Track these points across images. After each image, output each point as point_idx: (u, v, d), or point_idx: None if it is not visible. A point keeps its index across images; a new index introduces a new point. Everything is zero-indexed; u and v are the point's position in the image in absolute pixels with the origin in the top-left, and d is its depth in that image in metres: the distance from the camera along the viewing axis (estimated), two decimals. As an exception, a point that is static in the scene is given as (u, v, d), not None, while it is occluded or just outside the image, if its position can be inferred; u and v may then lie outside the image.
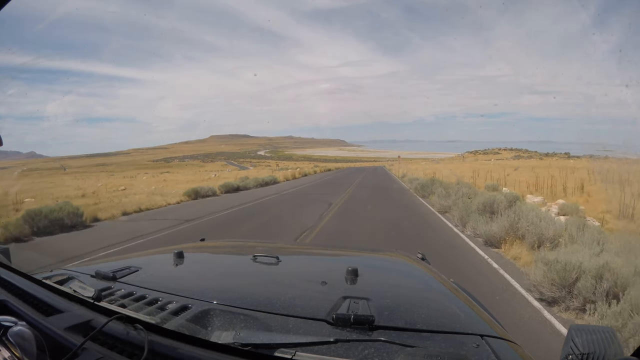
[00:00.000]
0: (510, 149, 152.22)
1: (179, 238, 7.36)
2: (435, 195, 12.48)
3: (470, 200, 9.81)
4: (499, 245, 6.59)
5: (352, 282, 1.23)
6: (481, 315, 1.09)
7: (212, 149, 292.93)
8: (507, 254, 6.16)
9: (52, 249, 6.99)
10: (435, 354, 0.73)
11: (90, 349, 0.79)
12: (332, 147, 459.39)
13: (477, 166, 40.28)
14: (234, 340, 0.78)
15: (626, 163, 10.82)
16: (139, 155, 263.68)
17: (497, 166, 37.79)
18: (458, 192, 11.47)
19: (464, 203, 9.53)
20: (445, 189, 12.62)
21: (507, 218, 6.82)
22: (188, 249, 1.63)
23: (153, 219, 10.17)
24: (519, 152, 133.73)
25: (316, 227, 8.24)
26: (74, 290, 1.02)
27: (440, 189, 12.88)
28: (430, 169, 34.78)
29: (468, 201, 9.74)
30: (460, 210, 8.78)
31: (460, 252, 6.40)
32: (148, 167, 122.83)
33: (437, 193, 12.64)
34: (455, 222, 8.86)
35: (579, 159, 40.26)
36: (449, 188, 12.56)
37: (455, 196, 11.12)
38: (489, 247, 6.72)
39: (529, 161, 58.28)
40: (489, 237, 6.81)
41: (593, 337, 0.76)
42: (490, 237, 6.78)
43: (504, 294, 4.46)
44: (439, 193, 12.26)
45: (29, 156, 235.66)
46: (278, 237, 7.32)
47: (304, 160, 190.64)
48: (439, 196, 11.93)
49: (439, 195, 12.00)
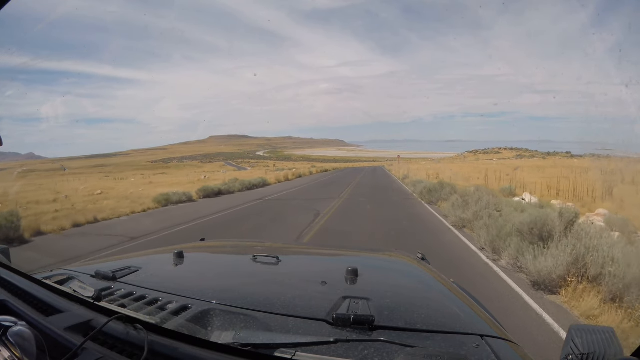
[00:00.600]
0: (510, 148, 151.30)
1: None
2: (449, 204, 10.32)
3: (499, 214, 7.47)
4: (557, 290, 4.44)
5: (352, 282, 1.23)
6: (481, 315, 1.10)
7: (211, 150, 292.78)
8: (573, 308, 4.04)
9: None
10: (435, 354, 0.73)
11: (90, 349, 0.79)
12: (331, 147, 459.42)
13: (480, 166, 38.43)
14: (234, 340, 0.78)
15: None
16: (138, 156, 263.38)
17: (501, 166, 36.19)
18: (480, 201, 8.88)
19: (492, 218, 7.14)
20: (461, 196, 10.26)
21: (569, 248, 4.58)
22: (188, 249, 1.63)
23: (98, 235, 8.75)
24: (520, 152, 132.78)
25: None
26: (74, 290, 1.02)
27: (454, 197, 10.62)
28: (432, 169, 33.18)
29: (497, 215, 7.34)
30: (488, 230, 6.46)
31: (500, 301, 4.25)
32: (146, 168, 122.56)
33: (450, 200, 10.53)
34: (480, 244, 6.58)
35: (582, 158, 39.57)
36: (466, 195, 10.11)
37: (477, 206, 8.55)
38: (541, 291, 4.54)
39: (532, 161, 56.97)
40: (541, 275, 4.57)
41: (593, 337, 0.77)
42: (543, 276, 4.55)
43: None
44: (454, 201, 9.99)
45: (28, 157, 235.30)
46: None
47: (303, 161, 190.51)
48: (454, 205, 9.69)
49: (454, 205, 9.73)
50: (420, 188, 15.72)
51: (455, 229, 8.45)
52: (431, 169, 36.04)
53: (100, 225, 10.18)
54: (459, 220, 8.75)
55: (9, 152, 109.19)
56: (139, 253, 1.90)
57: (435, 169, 35.28)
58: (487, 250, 6.33)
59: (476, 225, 7.39)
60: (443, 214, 10.35)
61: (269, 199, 15.83)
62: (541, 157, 76.39)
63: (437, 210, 11.50)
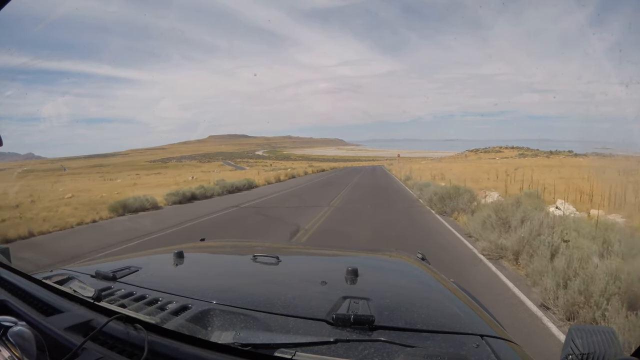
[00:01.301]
0: (512, 147, 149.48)
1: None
2: (477, 221, 7.45)
3: (567, 245, 4.74)
4: None
5: (352, 282, 1.23)
6: (481, 315, 1.10)
7: (210, 149, 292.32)
8: None
9: None
10: (435, 354, 0.73)
11: (90, 349, 0.79)
12: (331, 146, 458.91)
13: (484, 165, 36.13)
14: (234, 340, 0.78)
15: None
16: (137, 155, 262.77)
17: (505, 165, 34.13)
18: (530, 220, 6.13)
19: (560, 254, 4.48)
20: (496, 211, 7.20)
21: None
22: (188, 249, 1.63)
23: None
24: (522, 150, 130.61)
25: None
26: (74, 290, 1.02)
27: (488, 211, 7.51)
28: (435, 169, 29.98)
29: (564, 247, 4.71)
30: (556, 277, 3.96)
31: None
32: (144, 168, 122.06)
33: (480, 216, 7.60)
34: (544, 300, 4.00)
35: (586, 157, 38.19)
36: (501, 210, 7.21)
37: (524, 229, 5.83)
38: None
39: (536, 160, 54.02)
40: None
41: (593, 337, 0.77)
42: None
43: None
44: (485, 218, 7.22)
45: (27, 157, 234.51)
46: None
47: (302, 160, 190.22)
48: (485, 225, 7.02)
49: (485, 224, 7.05)
50: (428, 193, 12.69)
51: (490, 262, 5.74)
52: (434, 168, 33.44)
53: (23, 243, 8.60)
54: (493, 247, 6.02)
55: (8, 153, 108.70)
56: (139, 253, 1.90)
57: (438, 168, 33.07)
58: (559, 314, 3.70)
59: (526, 259, 5.09)
60: (465, 232, 7.87)
61: (246, 206, 13.59)
62: (544, 156, 74.93)
63: (454, 225, 8.93)
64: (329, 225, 9.05)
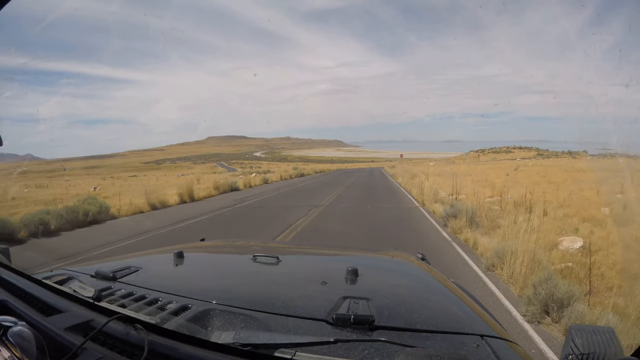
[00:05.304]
0: (520, 147, 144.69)
1: None
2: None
3: None
4: None
5: (352, 282, 1.23)
6: (481, 316, 1.10)
7: (209, 150, 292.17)
8: None
9: None
10: (435, 354, 0.73)
11: (90, 349, 0.79)
12: (330, 147, 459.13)
13: (506, 168, 29.45)
14: (234, 340, 0.78)
15: None
16: (134, 157, 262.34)
17: (538, 168, 27.63)
18: None
19: None
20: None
21: None
22: (188, 249, 1.63)
23: None
24: (539, 151, 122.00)
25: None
26: (74, 290, 1.02)
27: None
28: (461, 174, 21.80)
29: None
30: None
31: None
32: (138, 169, 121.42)
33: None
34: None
35: (595, 158, 34.40)
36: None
37: None
38: None
39: (557, 161, 47.75)
40: None
41: (593, 337, 0.77)
42: None
43: None
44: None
45: (26, 158, 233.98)
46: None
47: (300, 161, 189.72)
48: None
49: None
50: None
51: None
52: (455, 173, 23.69)
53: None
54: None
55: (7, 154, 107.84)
56: (139, 253, 1.90)
57: (461, 173, 24.72)
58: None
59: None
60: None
61: (162, 233, 8.51)
62: (569, 157, 64.24)
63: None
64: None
